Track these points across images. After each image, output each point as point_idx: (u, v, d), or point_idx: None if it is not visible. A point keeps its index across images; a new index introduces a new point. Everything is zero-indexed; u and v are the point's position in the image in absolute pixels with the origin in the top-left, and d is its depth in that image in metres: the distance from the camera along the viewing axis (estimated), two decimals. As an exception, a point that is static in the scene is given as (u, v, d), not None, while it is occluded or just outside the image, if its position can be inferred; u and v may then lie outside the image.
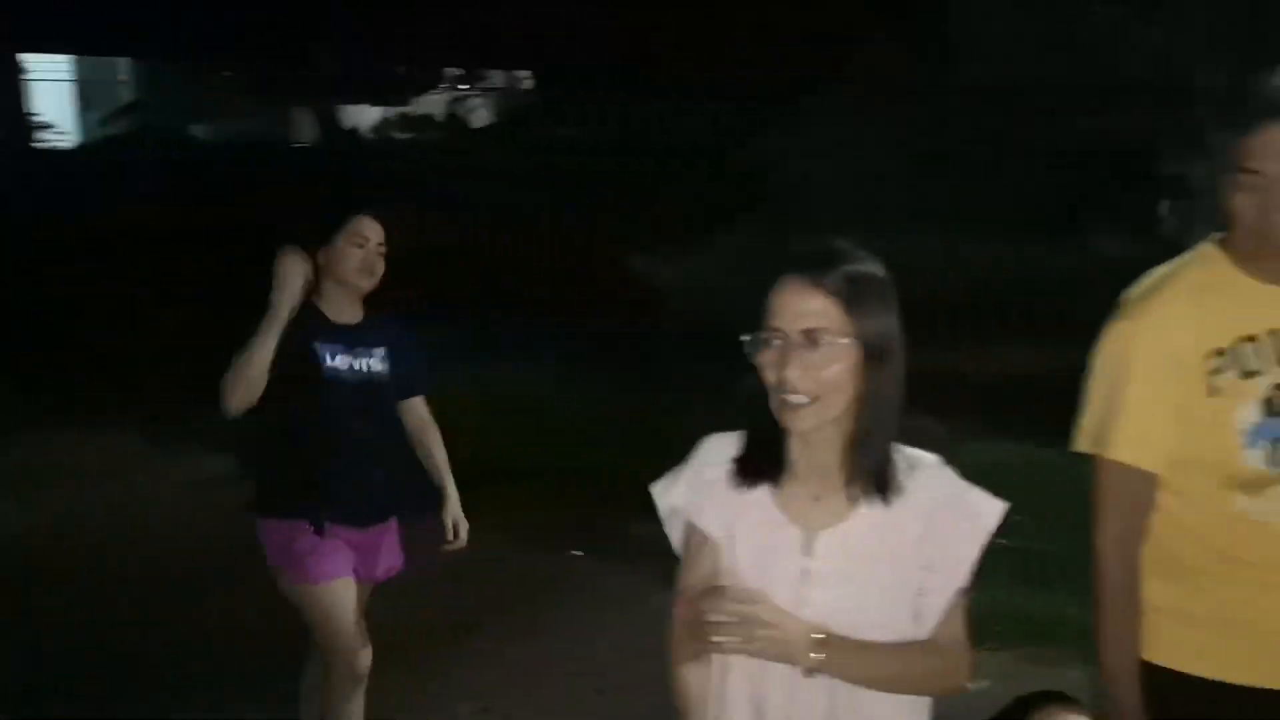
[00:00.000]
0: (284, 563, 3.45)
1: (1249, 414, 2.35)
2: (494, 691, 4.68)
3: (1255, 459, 2.34)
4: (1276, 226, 2.30)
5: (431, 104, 19.15)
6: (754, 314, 1.87)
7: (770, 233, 10.33)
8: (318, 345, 3.59)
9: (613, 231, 10.74)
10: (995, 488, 1.96)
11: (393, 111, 18.85)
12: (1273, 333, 2.37)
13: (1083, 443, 2.44)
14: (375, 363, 3.70)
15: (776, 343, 1.81)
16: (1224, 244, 2.41)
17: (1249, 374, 2.36)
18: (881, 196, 9.99)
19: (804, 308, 1.81)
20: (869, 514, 1.88)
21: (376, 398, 3.70)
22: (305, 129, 17.83)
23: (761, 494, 1.92)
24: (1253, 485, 2.35)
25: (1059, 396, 2.61)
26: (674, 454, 2.10)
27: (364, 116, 18.55)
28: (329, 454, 3.57)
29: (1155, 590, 2.45)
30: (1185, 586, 2.45)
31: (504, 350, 8.57)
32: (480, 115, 19.05)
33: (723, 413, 2.06)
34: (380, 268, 3.66)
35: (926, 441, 1.99)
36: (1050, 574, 4.84)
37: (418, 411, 3.87)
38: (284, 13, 14.91)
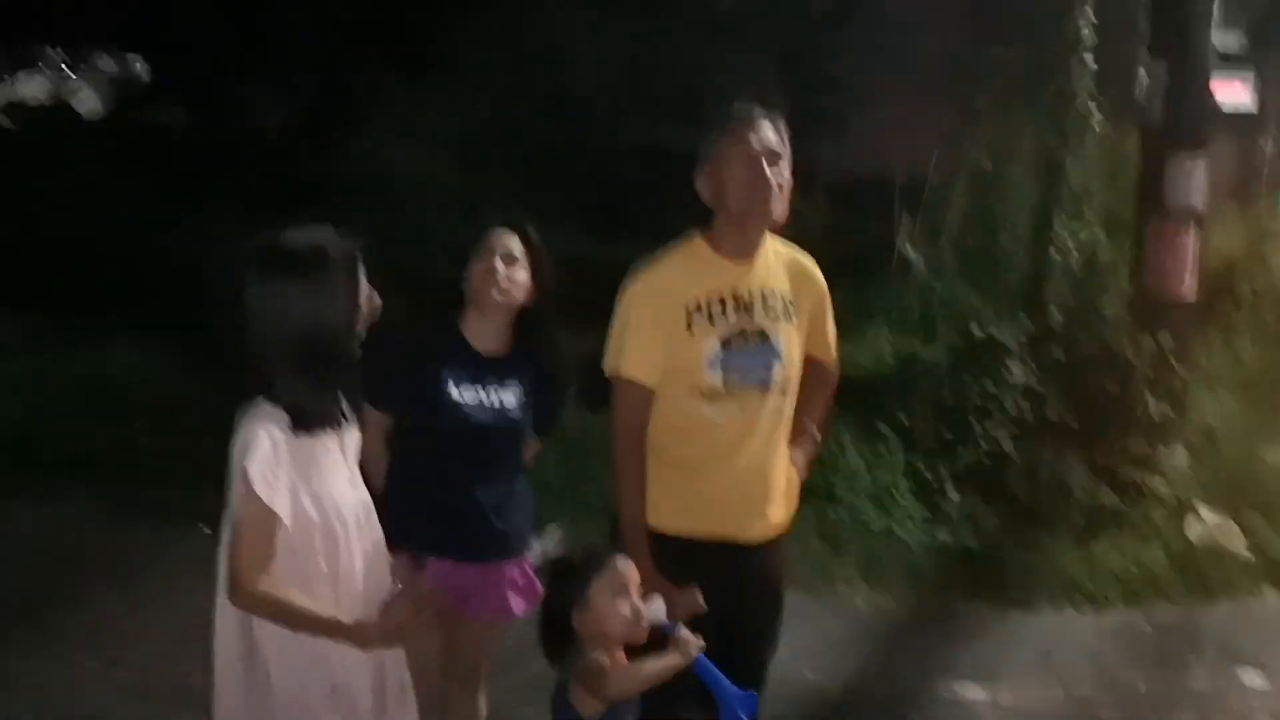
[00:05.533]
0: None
1: (712, 347, 3.43)
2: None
3: (714, 378, 3.44)
4: (759, 181, 3.34)
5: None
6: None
7: (371, 223, 10.69)
8: (446, 372, 3.47)
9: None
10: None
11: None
12: (733, 293, 3.46)
13: (606, 368, 3.49)
14: (508, 398, 3.56)
15: None
16: (704, 233, 3.52)
17: (714, 320, 3.43)
18: (477, 193, 10.64)
19: None
20: None
21: (505, 437, 3.55)
22: None
23: None
24: (710, 396, 3.44)
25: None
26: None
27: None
28: (443, 487, 3.47)
29: (650, 472, 3.46)
30: (666, 468, 3.48)
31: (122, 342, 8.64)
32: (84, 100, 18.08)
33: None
34: (516, 286, 3.49)
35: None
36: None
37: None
38: None
